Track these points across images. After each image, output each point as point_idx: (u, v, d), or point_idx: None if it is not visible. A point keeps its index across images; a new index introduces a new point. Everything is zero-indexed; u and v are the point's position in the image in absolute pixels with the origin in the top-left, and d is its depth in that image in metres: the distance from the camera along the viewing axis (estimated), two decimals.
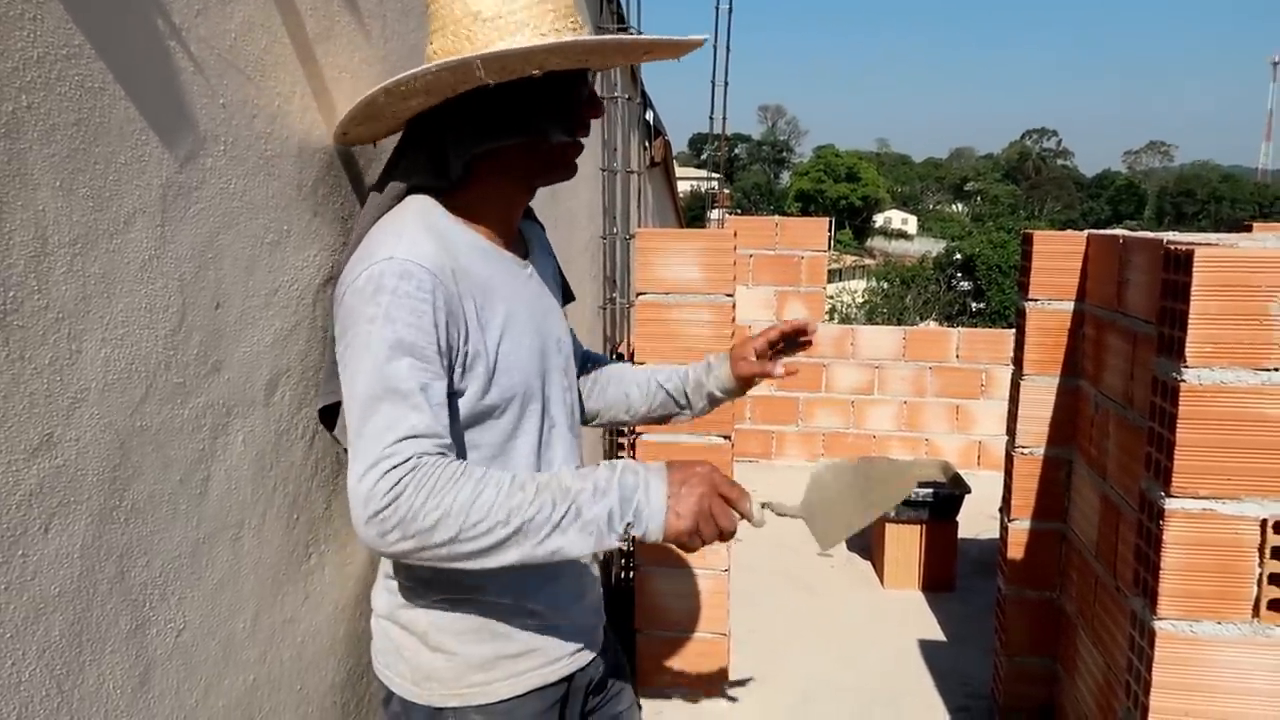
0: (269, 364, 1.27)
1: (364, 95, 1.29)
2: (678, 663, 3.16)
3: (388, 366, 1.15)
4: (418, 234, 1.23)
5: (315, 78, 1.37)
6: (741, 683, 3.28)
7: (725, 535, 1.20)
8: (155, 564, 1.05)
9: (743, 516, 1.22)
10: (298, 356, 1.34)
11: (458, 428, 1.27)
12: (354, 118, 1.34)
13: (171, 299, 1.07)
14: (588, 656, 1.45)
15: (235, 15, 1.17)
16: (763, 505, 1.29)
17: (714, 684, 3.16)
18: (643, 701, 3.12)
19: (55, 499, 0.90)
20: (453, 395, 1.25)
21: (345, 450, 1.32)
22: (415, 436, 1.13)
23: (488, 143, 1.29)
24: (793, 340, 1.68)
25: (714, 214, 6.95)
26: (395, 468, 1.10)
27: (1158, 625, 1.79)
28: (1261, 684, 1.76)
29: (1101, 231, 2.72)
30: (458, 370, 1.24)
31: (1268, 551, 1.73)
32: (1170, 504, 1.75)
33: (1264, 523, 1.73)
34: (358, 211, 1.50)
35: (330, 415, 1.37)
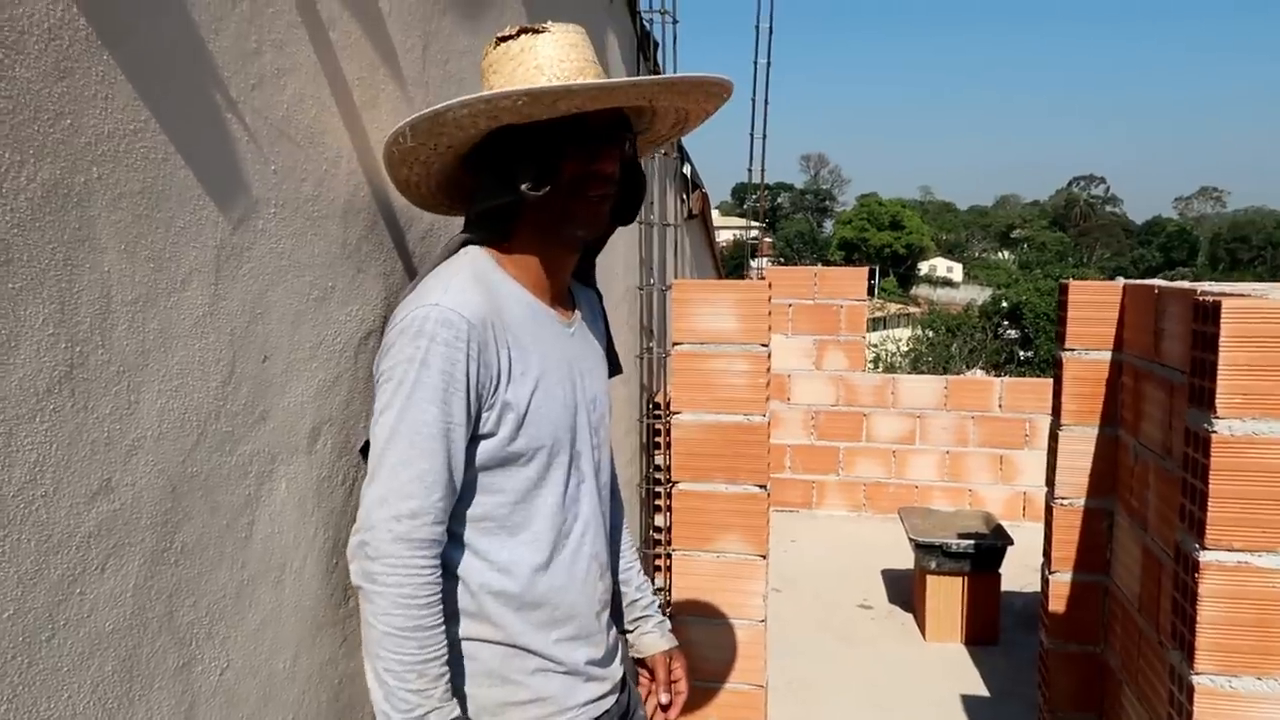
0: (312, 414, 1.34)
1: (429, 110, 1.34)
2: (714, 713, 3.15)
3: (417, 409, 1.24)
4: (466, 283, 1.30)
5: (360, 142, 1.45)
6: None
7: None
8: (202, 604, 1.11)
9: None
10: (339, 406, 1.41)
11: (473, 473, 1.32)
12: (415, 132, 1.35)
13: (223, 353, 1.14)
14: (601, 708, 1.46)
15: (288, 88, 1.25)
16: None
17: None
18: None
19: (112, 541, 0.97)
20: (480, 438, 1.31)
21: None
22: (416, 517, 1.24)
23: (490, 199, 1.36)
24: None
25: (755, 263, 7.01)
26: (398, 542, 1.23)
27: (1196, 680, 1.76)
28: None
29: (1137, 281, 2.72)
30: (488, 415, 1.30)
31: None
32: (1205, 556, 1.74)
33: None
34: (400, 269, 1.58)
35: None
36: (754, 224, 6.12)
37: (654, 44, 4.00)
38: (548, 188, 1.32)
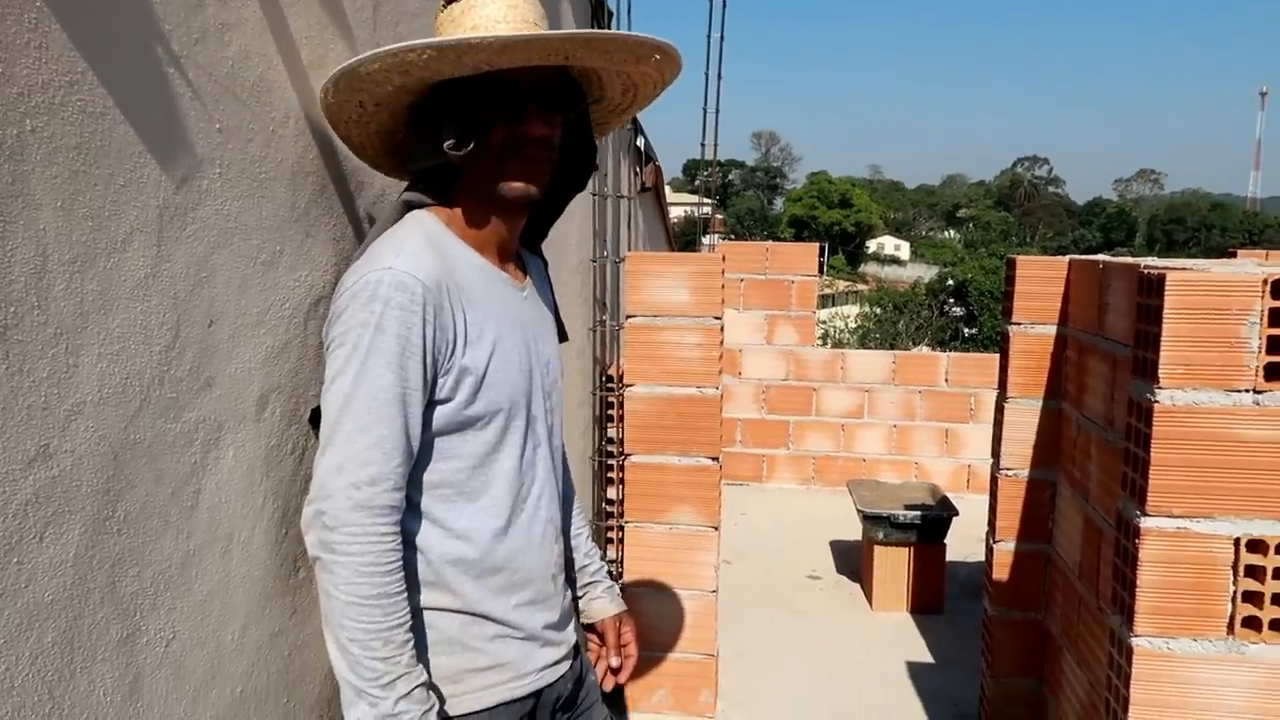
0: (260, 381, 1.30)
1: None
2: (666, 683, 3.17)
3: (373, 375, 1.21)
4: (418, 247, 1.27)
5: (309, 103, 1.41)
6: (729, 703, 3.29)
7: None
8: (146, 574, 1.08)
9: None
10: (288, 374, 1.37)
11: (429, 438, 1.30)
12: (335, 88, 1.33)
13: (166, 316, 1.10)
14: (557, 673, 1.47)
15: (233, 44, 1.21)
16: None
17: (702, 705, 3.17)
18: None
19: (50, 508, 0.93)
20: (437, 403, 1.29)
21: None
22: (375, 484, 1.22)
23: (421, 160, 1.35)
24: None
25: (707, 239, 7.00)
26: (358, 510, 1.20)
27: (1135, 642, 1.82)
28: (1237, 701, 1.79)
29: (1083, 257, 2.76)
30: (444, 380, 1.28)
31: (1241, 569, 1.77)
32: (1145, 522, 1.79)
33: (1237, 541, 1.76)
34: (350, 234, 1.54)
35: (319, 417, 1.41)
36: (705, 200, 6.11)
37: (608, 14, 3.95)
38: (470, 147, 1.30)
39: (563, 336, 1.66)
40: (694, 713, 3.17)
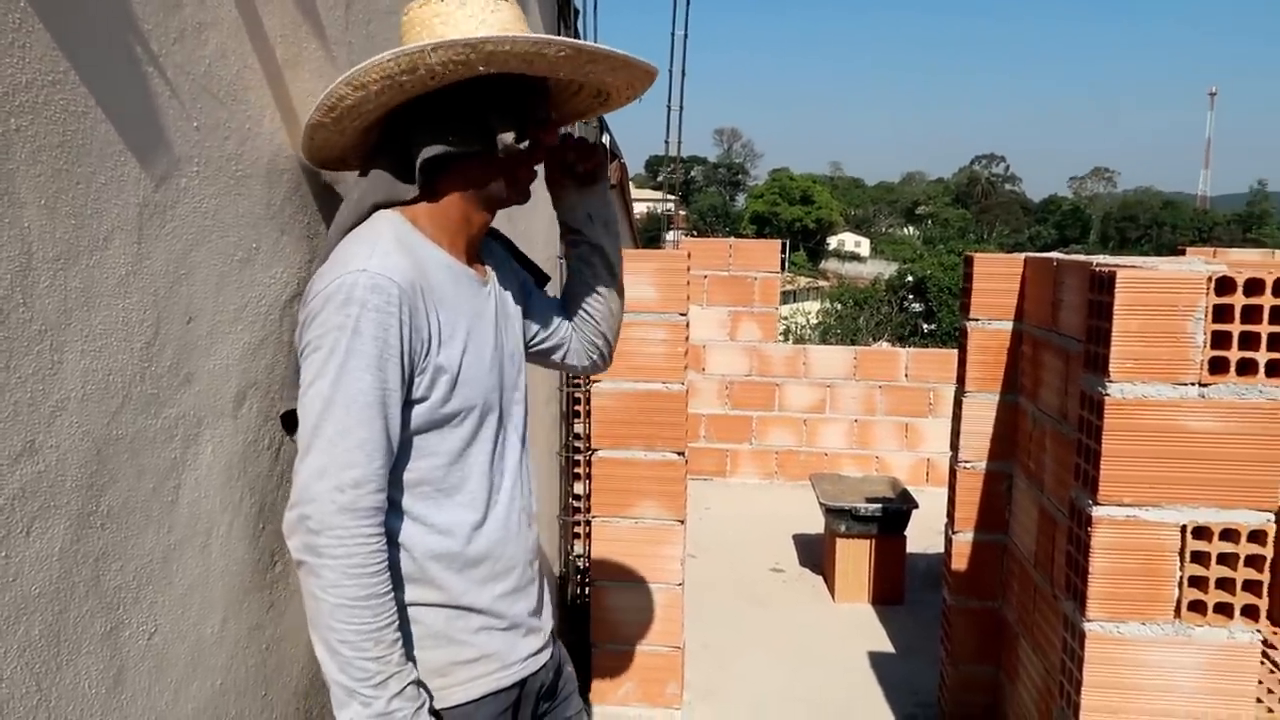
0: (237, 377, 1.32)
1: (325, 90, 1.33)
2: (633, 676, 3.21)
3: (352, 378, 1.22)
4: (390, 248, 1.29)
5: (284, 102, 1.42)
6: (695, 695, 3.33)
7: None
8: (129, 569, 1.09)
9: None
10: (264, 370, 1.39)
11: (407, 436, 1.32)
12: (316, 124, 1.36)
13: (147, 313, 1.11)
14: (539, 661, 1.51)
15: (210, 43, 1.22)
16: None
17: (668, 696, 3.22)
18: (600, 714, 3.16)
19: (37, 503, 0.94)
20: (414, 402, 1.31)
21: None
22: (360, 486, 1.23)
23: (441, 145, 1.33)
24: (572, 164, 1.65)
25: (669, 235, 7.04)
26: (343, 512, 1.21)
27: (1087, 627, 1.89)
28: (1184, 681, 1.86)
29: (1038, 254, 2.84)
30: (420, 379, 1.30)
31: (1188, 556, 1.84)
32: (1097, 511, 1.86)
33: (1184, 528, 1.84)
34: (323, 231, 1.56)
35: (291, 421, 1.42)
36: (669, 197, 6.16)
37: (574, 11, 3.97)
38: (525, 142, 1.35)
39: (543, 278, 1.68)
40: (661, 704, 3.21)
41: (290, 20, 1.43)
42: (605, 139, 5.33)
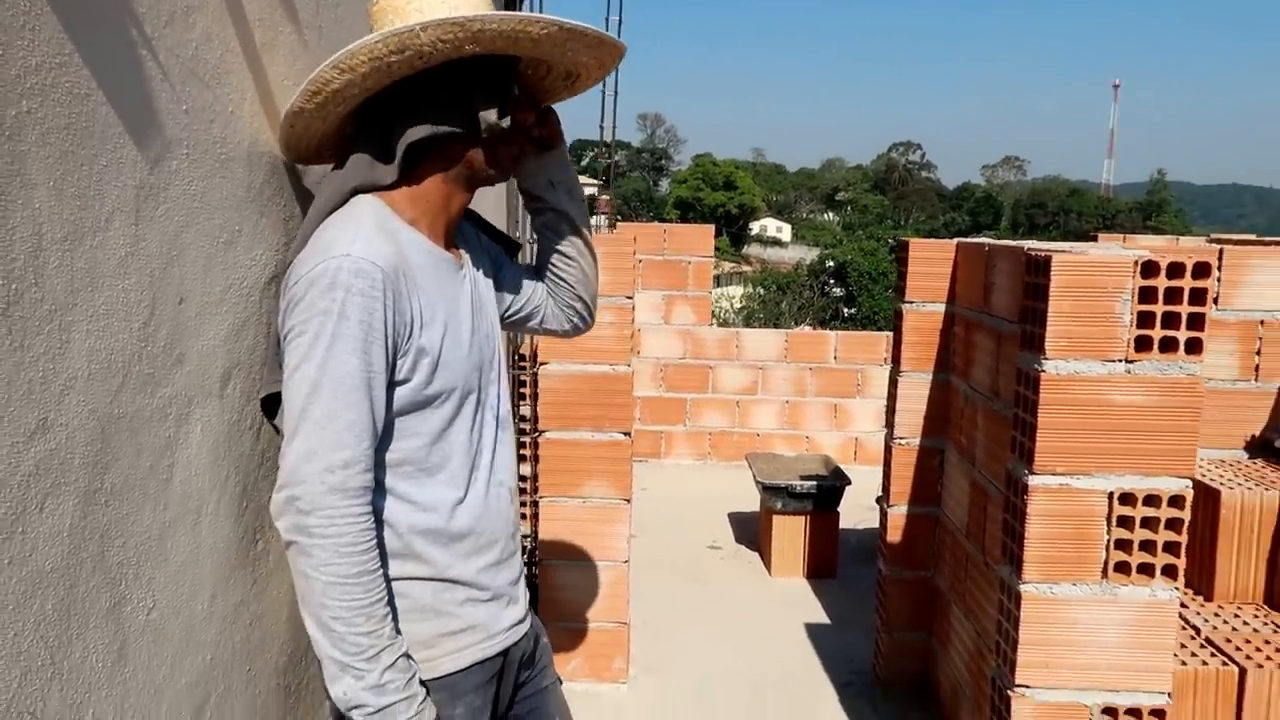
0: (223, 358, 1.33)
1: (308, 78, 1.34)
2: (581, 652, 3.28)
3: (339, 361, 1.24)
4: (372, 233, 1.31)
5: (262, 85, 1.43)
6: (640, 669, 3.42)
7: None
8: (130, 545, 1.11)
9: None
10: (247, 351, 1.40)
11: (390, 418, 1.35)
12: (296, 112, 1.37)
13: (143, 294, 1.13)
14: (520, 631, 1.56)
15: (196, 26, 1.23)
16: None
17: (615, 671, 3.29)
18: None
19: (49, 480, 0.96)
20: (396, 384, 1.34)
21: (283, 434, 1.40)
22: (349, 467, 1.26)
23: (425, 127, 1.35)
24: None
25: (595, 220, 7.06)
26: (333, 493, 1.24)
27: (1023, 588, 2.02)
28: (1110, 636, 2.01)
29: (970, 239, 2.98)
30: (403, 362, 1.33)
31: (1114, 520, 1.98)
32: (1033, 480, 1.98)
33: (1111, 495, 1.97)
34: (299, 215, 1.57)
35: (270, 405, 1.44)
36: (596, 181, 6.20)
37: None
38: (507, 120, 1.38)
39: (514, 246, 1.72)
40: (608, 679, 3.29)
41: (267, 4, 1.44)
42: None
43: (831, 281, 31.91)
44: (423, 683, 1.37)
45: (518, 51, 1.36)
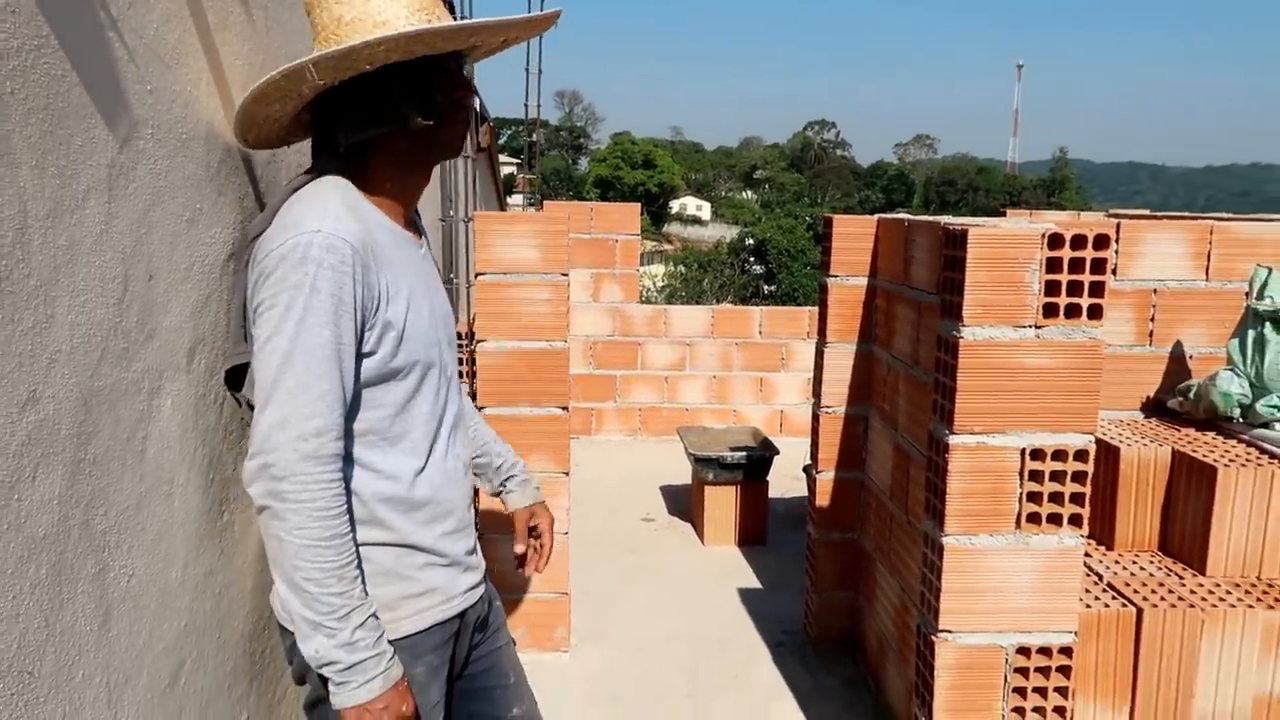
0: (189, 333, 1.37)
1: (236, 105, 1.39)
2: (522, 622, 3.35)
3: (310, 333, 1.29)
4: (340, 210, 1.35)
5: (216, 66, 1.46)
6: (581, 638, 3.51)
7: None
8: (111, 514, 1.15)
9: None
10: (210, 327, 1.44)
11: (356, 388, 1.40)
12: (240, 124, 1.42)
13: (118, 270, 1.16)
14: (476, 595, 1.63)
15: (157, 7, 1.26)
16: None
17: (557, 640, 3.38)
18: None
19: (40, 450, 1.00)
20: (363, 356, 1.39)
21: (248, 406, 1.44)
22: (321, 435, 1.30)
23: (361, 132, 1.41)
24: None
25: (514, 199, 7.07)
26: (307, 460, 1.29)
27: (945, 541, 2.16)
28: (1023, 582, 2.17)
29: (889, 215, 3.12)
30: (370, 335, 1.38)
31: (1026, 475, 2.14)
32: (953, 439, 2.13)
33: (1023, 451, 2.13)
34: (252, 194, 1.60)
35: (232, 378, 1.48)
36: (514, 160, 6.22)
37: None
38: (436, 116, 1.41)
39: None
40: (550, 648, 3.37)
41: None
42: (475, 102, 5.34)
43: (752, 259, 32.32)
44: (390, 642, 1.43)
45: (436, 52, 1.40)
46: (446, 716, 1.60)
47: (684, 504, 5.01)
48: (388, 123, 1.40)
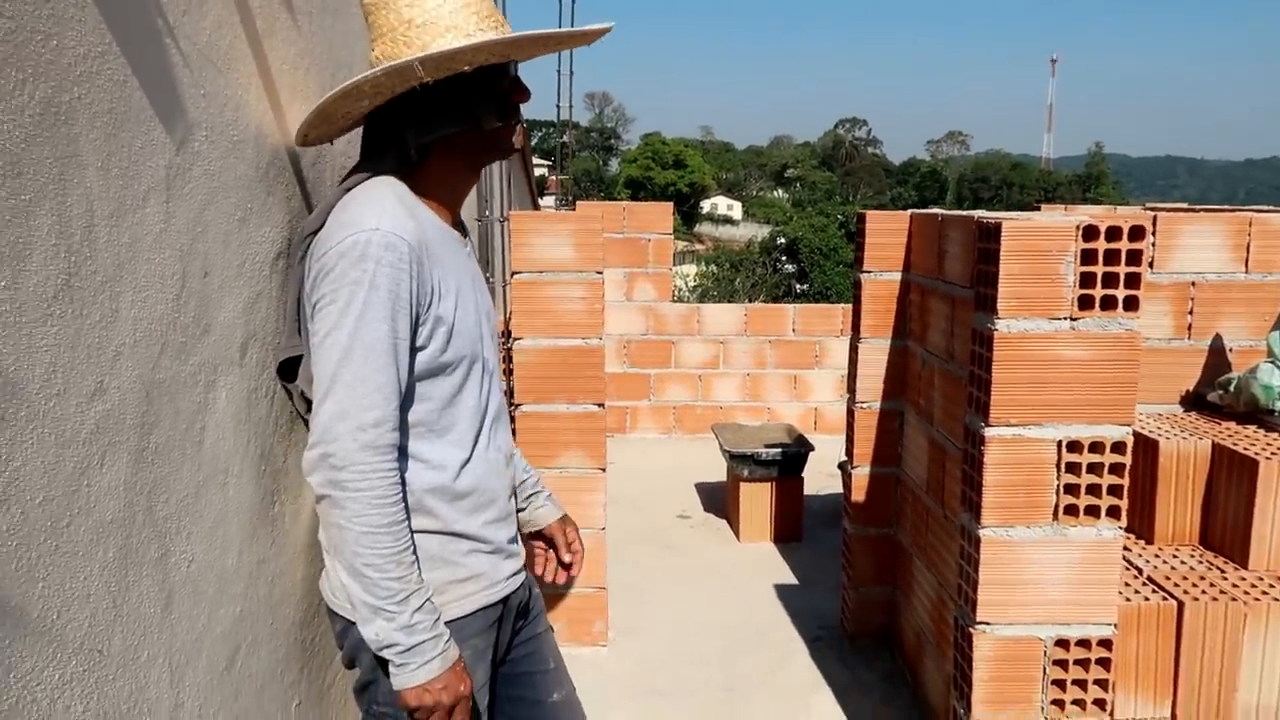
0: (242, 328, 1.41)
1: (318, 103, 1.45)
2: (561, 616, 3.39)
3: (369, 328, 1.33)
4: (397, 209, 1.40)
5: (264, 70, 1.51)
6: (619, 632, 3.54)
7: None
8: (172, 501, 1.20)
9: None
10: (261, 323, 1.49)
11: (409, 382, 1.45)
12: (312, 122, 1.49)
13: (176, 267, 1.21)
14: (518, 581, 1.67)
15: (209, 14, 1.31)
16: None
17: (595, 634, 3.41)
18: None
19: (107, 438, 1.04)
20: (416, 350, 1.43)
21: (300, 398, 1.50)
22: (379, 426, 1.35)
23: (435, 132, 1.47)
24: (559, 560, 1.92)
25: (546, 200, 7.12)
26: (366, 450, 1.33)
27: (982, 533, 2.17)
28: (1060, 574, 2.17)
29: (923, 210, 3.12)
30: (423, 329, 1.43)
31: (1062, 467, 2.14)
32: (989, 432, 2.13)
33: (1060, 443, 2.13)
34: (299, 195, 1.65)
35: (286, 370, 1.54)
36: (553, 161, 6.28)
37: None
38: (503, 120, 1.47)
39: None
40: (588, 642, 3.41)
41: None
42: None
43: (784, 258, 32.22)
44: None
45: (523, 59, 1.48)
46: (490, 701, 1.63)
47: (719, 501, 5.03)
48: (463, 123, 1.45)
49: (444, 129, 1.47)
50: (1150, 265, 3.07)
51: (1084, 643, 2.21)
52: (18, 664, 0.89)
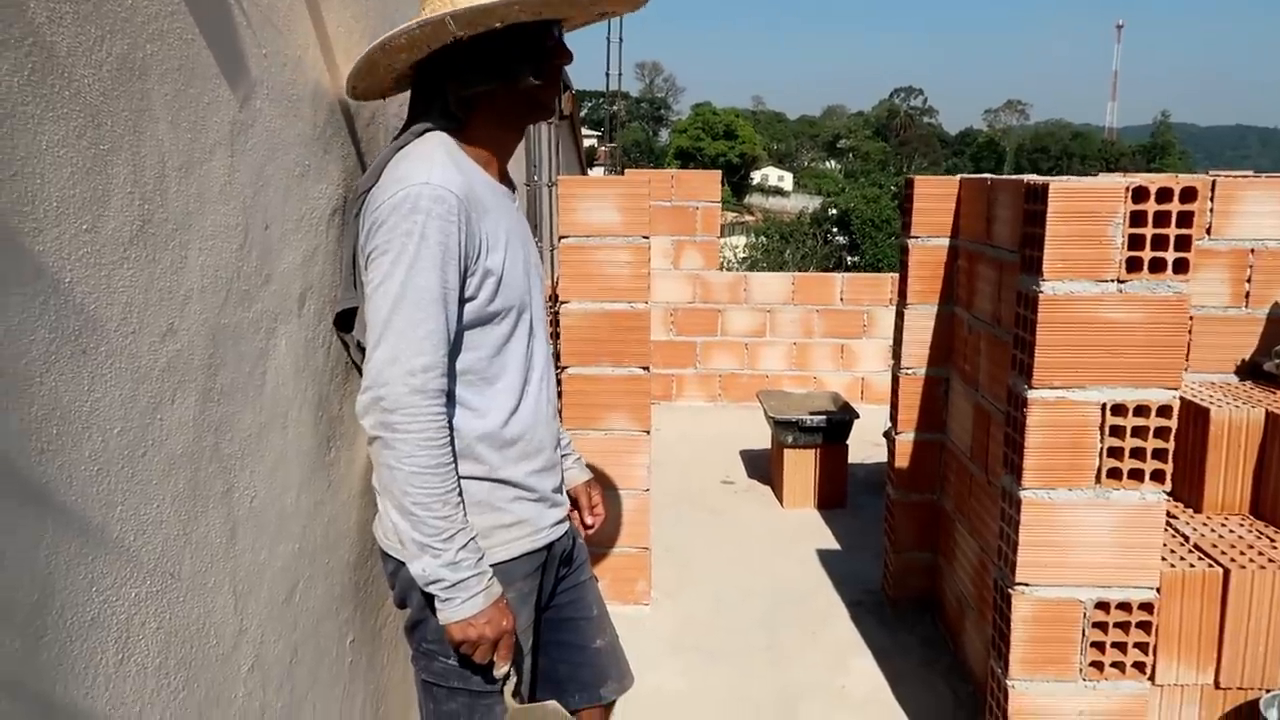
0: (300, 280, 1.48)
1: (362, 53, 1.49)
2: (605, 575, 3.46)
3: (420, 277, 1.39)
4: (446, 163, 1.45)
5: (321, 32, 1.56)
6: (662, 593, 3.61)
7: (482, 660, 1.48)
8: (236, 440, 1.27)
9: (497, 666, 1.50)
10: (318, 275, 1.55)
11: (459, 328, 1.50)
12: (358, 73, 1.53)
13: (239, 218, 1.27)
14: (562, 529, 1.73)
15: None
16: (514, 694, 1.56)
17: (639, 593, 3.48)
18: None
19: (177, 377, 1.11)
20: (465, 300, 1.49)
21: (357, 348, 1.56)
22: (429, 371, 1.40)
23: (471, 87, 1.51)
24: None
25: (595, 170, 7.15)
26: (415, 394, 1.39)
27: (1023, 494, 2.18)
28: (1101, 537, 2.18)
29: (972, 175, 3.10)
30: (471, 280, 1.48)
31: (1106, 430, 2.14)
32: (1032, 394, 2.14)
33: (1104, 406, 2.13)
34: (354, 154, 1.71)
35: (343, 321, 1.60)
36: (594, 132, 6.29)
37: None
38: (541, 79, 1.51)
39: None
40: (631, 601, 3.48)
41: None
42: None
43: (835, 230, 31.87)
44: None
45: (558, 16, 1.49)
46: (535, 645, 1.70)
47: (764, 467, 5.06)
48: (501, 79, 1.49)
49: (481, 84, 1.50)
50: (1208, 231, 3.02)
51: (1124, 605, 2.22)
52: (99, 579, 0.97)
